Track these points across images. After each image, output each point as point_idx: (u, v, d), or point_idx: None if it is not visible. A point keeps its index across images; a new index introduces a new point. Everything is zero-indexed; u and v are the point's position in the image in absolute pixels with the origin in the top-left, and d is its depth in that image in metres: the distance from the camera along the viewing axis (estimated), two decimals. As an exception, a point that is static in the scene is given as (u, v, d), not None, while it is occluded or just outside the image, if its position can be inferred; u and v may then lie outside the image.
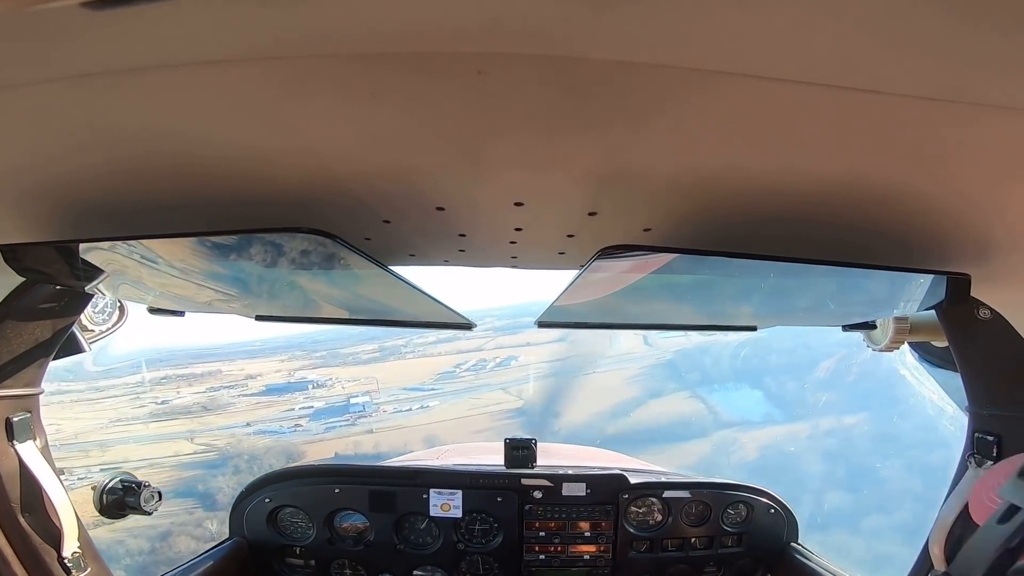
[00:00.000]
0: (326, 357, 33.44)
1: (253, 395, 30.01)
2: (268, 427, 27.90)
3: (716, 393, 31.23)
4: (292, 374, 32.17)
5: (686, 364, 33.42)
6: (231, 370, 30.80)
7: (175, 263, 1.32)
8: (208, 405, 28.18)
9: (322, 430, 28.07)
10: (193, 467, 23.98)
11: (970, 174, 0.93)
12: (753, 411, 29.58)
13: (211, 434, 26.34)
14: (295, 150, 0.94)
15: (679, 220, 1.18)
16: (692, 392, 31.68)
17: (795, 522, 2.75)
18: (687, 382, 32.49)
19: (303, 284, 1.52)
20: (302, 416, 29.13)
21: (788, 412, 27.86)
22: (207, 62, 0.70)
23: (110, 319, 1.99)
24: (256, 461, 23.34)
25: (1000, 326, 1.40)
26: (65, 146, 0.93)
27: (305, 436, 27.34)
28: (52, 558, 1.61)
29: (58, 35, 0.62)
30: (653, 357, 34.27)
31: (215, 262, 1.30)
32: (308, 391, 31.09)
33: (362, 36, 0.64)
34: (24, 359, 1.54)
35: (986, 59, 0.64)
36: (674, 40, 0.64)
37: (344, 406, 30.37)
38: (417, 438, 27.51)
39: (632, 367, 33.83)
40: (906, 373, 4.46)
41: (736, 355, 32.35)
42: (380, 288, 1.57)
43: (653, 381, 33.07)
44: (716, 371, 32.95)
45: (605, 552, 2.69)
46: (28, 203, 1.13)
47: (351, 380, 32.44)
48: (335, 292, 1.65)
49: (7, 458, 1.52)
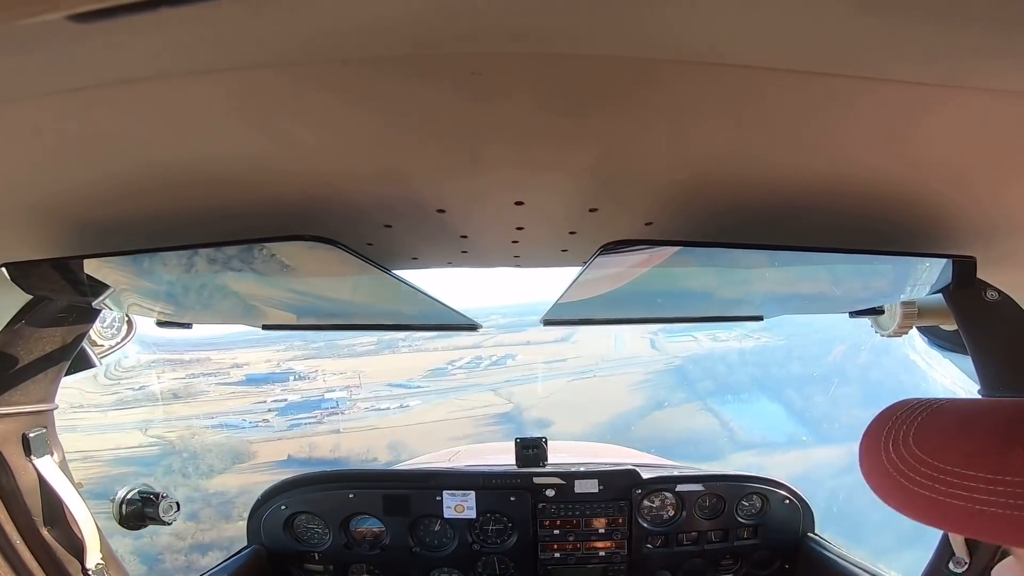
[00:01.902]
0: (322, 348, 32.39)
1: (231, 384, 28.73)
2: (231, 420, 26.34)
3: (731, 406, 27.86)
4: (280, 364, 30.88)
5: (697, 371, 30.73)
6: (222, 358, 29.66)
7: (180, 276, 1.33)
8: (180, 393, 26.90)
9: (285, 427, 26.24)
10: (127, 463, 21.98)
11: (973, 158, 0.93)
12: (775, 429, 25.16)
13: (168, 425, 24.72)
14: (292, 158, 0.94)
15: (680, 213, 1.18)
16: (703, 404, 28.70)
17: (811, 512, 2.73)
18: (698, 392, 29.54)
19: (307, 291, 1.52)
20: (272, 410, 27.62)
21: (816, 431, 23.46)
22: (199, 72, 0.70)
23: (119, 333, 2.01)
24: (194, 461, 21.99)
25: (1008, 307, 1.39)
26: (62, 161, 0.93)
27: (264, 433, 25.74)
28: (76, 570, 1.62)
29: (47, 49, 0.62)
30: (660, 362, 31.95)
31: (218, 273, 1.30)
32: (288, 383, 29.78)
33: (353, 40, 0.64)
34: (37, 376, 1.55)
35: (986, 44, 0.63)
36: (669, 33, 0.64)
37: (318, 401, 28.88)
38: (382, 444, 25.96)
39: (636, 372, 31.60)
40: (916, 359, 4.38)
41: (752, 362, 29.63)
42: (384, 293, 1.58)
43: (659, 389, 30.47)
44: (731, 380, 29.69)
45: (620, 548, 2.69)
46: (31, 220, 1.14)
47: (337, 373, 31.01)
48: (339, 298, 1.66)
49: (26, 473, 1.53)
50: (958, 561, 1.61)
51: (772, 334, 29.98)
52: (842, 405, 23.82)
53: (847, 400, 23.61)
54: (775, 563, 2.75)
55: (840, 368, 24.73)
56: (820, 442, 22.35)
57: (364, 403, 29.70)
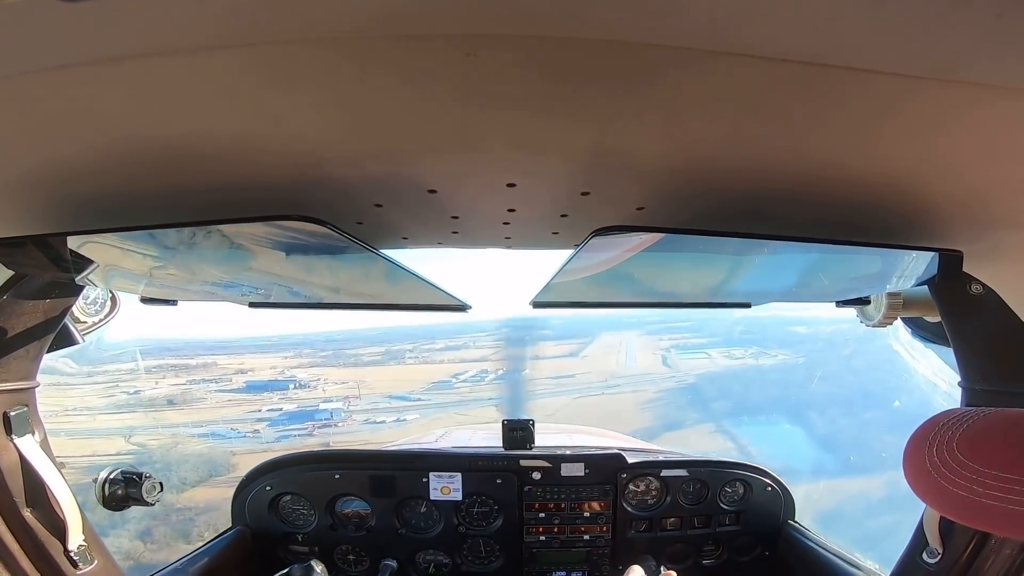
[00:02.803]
0: (329, 356, 31.74)
1: (230, 391, 27.79)
2: (220, 430, 24.68)
3: (748, 428, 25.08)
4: (284, 371, 29.97)
5: (711, 390, 28.91)
6: (229, 363, 28.97)
7: (165, 253, 1.32)
8: (176, 399, 25.95)
9: (273, 438, 24.30)
10: (97, 471, 20.91)
11: (962, 152, 0.93)
12: (798, 456, 21.17)
13: (154, 433, 23.69)
14: (283, 136, 0.92)
15: (672, 199, 1.18)
16: (718, 425, 26.15)
17: (792, 500, 2.78)
18: (712, 412, 27.34)
19: (295, 271, 1.51)
20: (264, 419, 26.10)
21: (842, 460, 20.21)
22: (188, 50, 0.69)
23: (102, 310, 1.98)
24: (167, 472, 20.66)
25: (992, 301, 1.41)
26: (47, 139, 0.92)
27: (250, 444, 23.82)
28: (58, 551, 1.61)
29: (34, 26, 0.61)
30: (672, 380, 30.37)
31: (206, 251, 1.29)
32: (287, 391, 28.70)
33: (347, 19, 0.63)
34: (18, 353, 1.53)
35: (978, 39, 0.63)
36: (665, 19, 0.63)
37: (311, 412, 27.35)
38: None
39: (647, 390, 29.91)
40: (900, 349, 4.36)
41: (771, 381, 27.49)
42: (374, 272, 1.57)
43: (671, 408, 28.65)
44: (748, 400, 27.65)
45: (604, 532, 2.72)
46: (14, 196, 1.12)
47: (339, 382, 29.95)
48: (328, 278, 1.65)
49: (7, 453, 1.52)
50: (931, 552, 1.66)
51: (791, 351, 28.99)
52: (872, 430, 21.29)
53: (877, 425, 20.88)
54: (756, 549, 2.80)
55: (865, 389, 23.39)
56: (849, 473, 18.92)
57: (360, 415, 28.68)
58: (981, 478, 0.76)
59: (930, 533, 1.64)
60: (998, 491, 0.74)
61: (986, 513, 0.74)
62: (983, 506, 0.74)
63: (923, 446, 0.87)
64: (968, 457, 0.80)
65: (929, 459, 0.84)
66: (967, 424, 0.86)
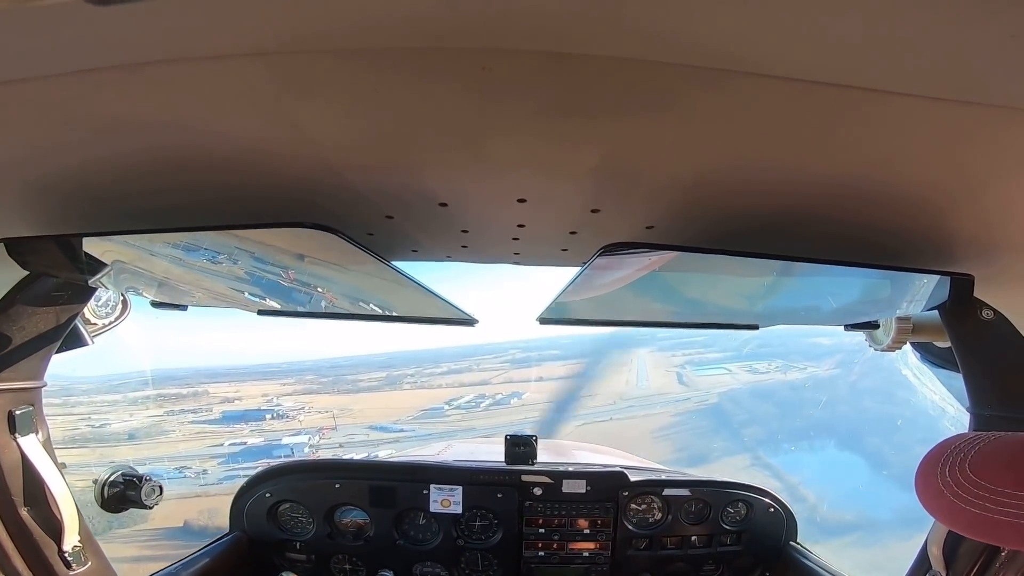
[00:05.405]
0: (327, 383, 29.93)
1: (204, 422, 25.40)
2: (163, 468, 21.20)
3: (791, 460, 18.98)
4: (273, 400, 27.67)
5: (738, 412, 23.33)
6: (220, 391, 26.73)
7: (178, 257, 1.33)
8: (138, 434, 23.16)
9: (218, 479, 20.92)
10: None
11: (977, 174, 0.93)
12: (868, 501, 16.04)
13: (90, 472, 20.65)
14: (298, 145, 0.94)
15: (682, 218, 1.18)
16: (754, 457, 20.33)
17: (794, 521, 2.75)
18: (743, 441, 21.86)
19: (305, 279, 1.52)
20: (223, 455, 23.18)
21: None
22: (209, 57, 0.70)
23: (113, 312, 1.99)
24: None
25: (1003, 327, 1.40)
26: (67, 141, 0.93)
27: (186, 487, 19.99)
28: (53, 551, 1.61)
29: (60, 30, 0.62)
30: (691, 400, 25.59)
31: (218, 256, 1.30)
32: (262, 422, 26.29)
33: (367, 31, 0.64)
34: (27, 352, 1.54)
35: (992, 60, 0.63)
36: (680, 38, 0.64)
37: (269, 448, 24.24)
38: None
39: (662, 413, 25.13)
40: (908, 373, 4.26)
41: (810, 400, 21.17)
42: (382, 283, 1.57)
43: (692, 436, 23.66)
44: (785, 424, 21.77)
45: (604, 549, 2.69)
46: (32, 197, 1.14)
47: (322, 411, 27.32)
48: (337, 287, 1.66)
49: (9, 451, 1.52)
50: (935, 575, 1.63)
51: (819, 363, 23.60)
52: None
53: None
54: (756, 570, 2.76)
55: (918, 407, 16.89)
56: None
57: (326, 451, 25.16)
58: (993, 496, 0.79)
59: (933, 558, 1.61)
60: (1011, 508, 0.76)
61: (998, 529, 0.76)
62: (995, 522, 0.77)
63: (935, 467, 0.89)
64: (980, 476, 0.83)
65: (942, 479, 0.86)
66: (978, 446, 0.89)
